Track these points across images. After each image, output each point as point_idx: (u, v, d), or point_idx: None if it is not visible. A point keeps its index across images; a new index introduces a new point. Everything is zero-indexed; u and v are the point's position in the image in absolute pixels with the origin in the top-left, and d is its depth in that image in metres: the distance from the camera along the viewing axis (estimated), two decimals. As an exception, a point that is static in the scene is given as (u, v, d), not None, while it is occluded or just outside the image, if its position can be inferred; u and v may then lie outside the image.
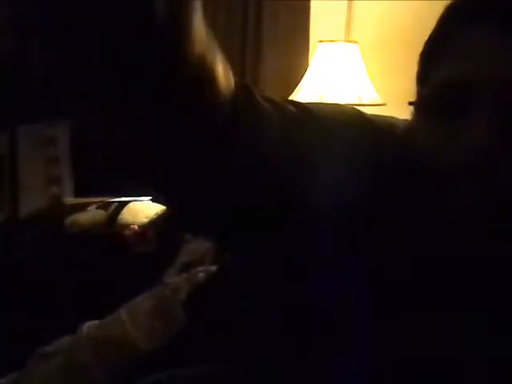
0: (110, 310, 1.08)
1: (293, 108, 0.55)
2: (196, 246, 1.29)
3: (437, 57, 0.56)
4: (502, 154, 0.50)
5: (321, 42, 2.03)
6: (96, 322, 1.04)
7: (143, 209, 1.67)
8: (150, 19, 0.38)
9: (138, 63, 0.40)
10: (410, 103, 0.59)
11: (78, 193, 1.94)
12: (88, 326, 1.03)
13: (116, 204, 1.72)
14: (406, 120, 0.66)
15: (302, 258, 0.56)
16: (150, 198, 1.70)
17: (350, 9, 2.17)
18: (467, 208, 0.51)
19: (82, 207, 1.76)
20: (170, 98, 0.43)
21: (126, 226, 1.60)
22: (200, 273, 1.03)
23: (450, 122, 0.53)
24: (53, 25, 0.39)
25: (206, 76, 0.44)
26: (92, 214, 1.71)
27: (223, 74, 0.46)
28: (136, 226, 1.58)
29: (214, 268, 1.02)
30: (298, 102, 0.59)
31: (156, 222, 1.61)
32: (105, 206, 1.73)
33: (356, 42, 2.02)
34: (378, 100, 1.97)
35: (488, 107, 0.51)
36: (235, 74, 0.49)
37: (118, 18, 0.38)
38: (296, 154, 0.53)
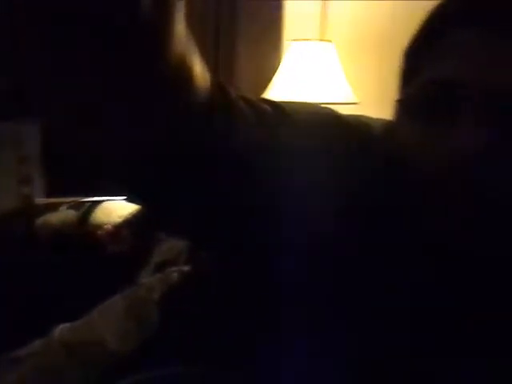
0: (82, 312, 1.07)
1: (267, 107, 0.55)
2: (170, 246, 1.28)
3: (422, 57, 0.57)
4: (489, 156, 0.50)
5: (294, 40, 2.03)
6: (68, 324, 1.02)
7: (117, 208, 1.65)
8: (136, 18, 0.38)
9: (120, 61, 0.40)
10: (398, 101, 0.60)
11: (50, 193, 1.91)
12: (60, 329, 1.01)
13: (88, 204, 1.70)
14: (380, 119, 0.67)
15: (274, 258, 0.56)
16: (124, 197, 1.68)
17: (324, 8, 2.18)
18: (454, 209, 0.51)
19: (54, 207, 1.74)
20: (149, 97, 0.43)
21: (99, 225, 1.58)
22: (174, 272, 1.02)
23: (436, 122, 0.53)
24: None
25: (185, 75, 0.44)
26: (64, 214, 1.69)
27: (200, 73, 0.46)
28: (109, 226, 1.56)
29: (188, 267, 1.02)
30: (273, 101, 0.59)
31: (130, 222, 1.59)
32: (77, 206, 1.71)
33: (330, 41, 2.03)
34: (352, 99, 1.98)
35: (475, 109, 0.51)
36: (211, 73, 0.49)
37: (102, 17, 0.38)
38: (271, 152, 0.53)
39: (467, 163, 0.50)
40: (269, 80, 2.05)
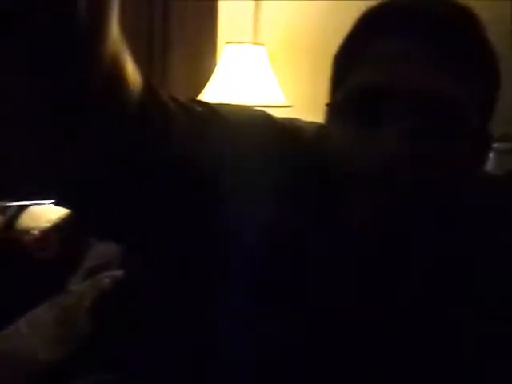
0: (8, 321, 1.03)
1: (199, 108, 0.55)
2: (102, 251, 1.25)
3: (351, 62, 0.58)
4: (411, 161, 0.52)
5: (228, 43, 2.03)
6: (-8, 334, 0.98)
7: (45, 213, 1.60)
8: (72, 17, 0.37)
9: (52, 62, 0.39)
10: (327, 105, 0.61)
11: (-27, 197, 1.83)
12: (-16, 339, 0.96)
13: (15, 208, 1.63)
14: (312, 122, 0.68)
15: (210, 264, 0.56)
16: (52, 201, 1.62)
17: (257, 10, 2.19)
18: (377, 210, 0.53)
19: (-22, 212, 1.66)
20: (80, 98, 0.42)
21: (26, 231, 1.52)
22: (106, 278, 1.00)
23: (361, 127, 0.55)
24: None
25: (117, 76, 0.44)
26: (-12, 219, 1.62)
27: (132, 74, 0.46)
28: (37, 231, 1.50)
29: (120, 273, 1.00)
30: (205, 103, 0.58)
31: (59, 227, 1.54)
32: (2, 210, 1.64)
33: (263, 45, 2.05)
34: (284, 102, 2.00)
35: (398, 116, 0.53)
36: (142, 74, 0.49)
37: (37, 16, 0.37)
38: (203, 153, 0.53)
39: (392, 164, 0.52)
40: (204, 82, 2.04)
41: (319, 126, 0.64)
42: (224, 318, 0.58)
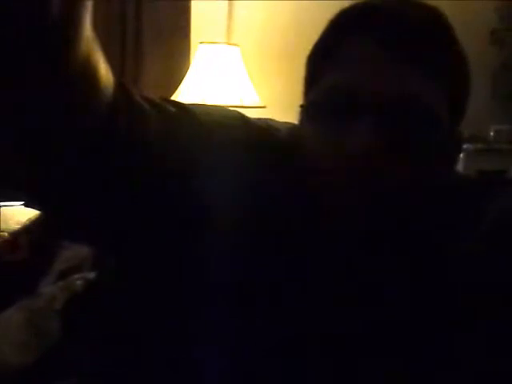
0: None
1: (173, 108, 0.55)
2: (73, 253, 1.23)
3: (323, 63, 0.59)
4: (385, 159, 0.52)
5: (202, 43, 2.03)
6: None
7: (14, 214, 1.57)
8: (45, 16, 0.37)
9: (24, 59, 0.38)
10: (301, 106, 0.61)
11: None
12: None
13: (-17, 210, 1.60)
14: (286, 123, 0.68)
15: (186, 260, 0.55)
16: (22, 203, 1.60)
17: (230, 10, 2.19)
18: (352, 209, 0.53)
19: None
20: (52, 97, 0.41)
21: (-5, 233, 1.50)
22: (77, 280, 0.99)
23: (335, 127, 0.55)
24: None
25: (90, 75, 0.44)
26: (-44, 221, 1.59)
27: (104, 73, 0.46)
28: (6, 234, 1.48)
29: (92, 274, 0.98)
30: (178, 102, 0.58)
31: (29, 229, 1.52)
32: (-29, 212, 1.61)
33: (237, 45, 2.05)
34: (258, 102, 2.00)
35: (372, 116, 0.53)
36: (114, 74, 0.48)
37: (10, 14, 0.36)
38: (176, 153, 0.52)
39: (362, 163, 0.52)
40: (178, 82, 2.03)
41: (293, 127, 0.65)
42: (200, 325, 0.57)
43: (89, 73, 0.44)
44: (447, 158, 0.61)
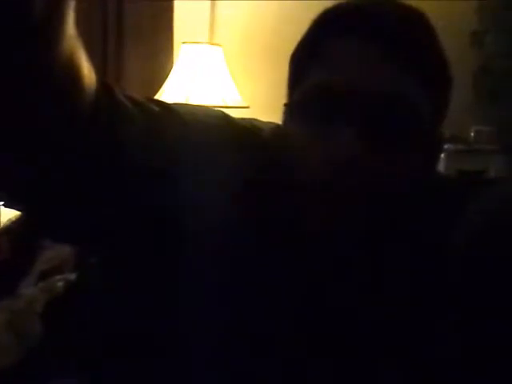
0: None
1: (156, 107, 0.55)
2: (54, 253, 1.22)
3: (307, 63, 0.58)
4: (371, 160, 0.52)
5: (184, 43, 2.02)
6: None
7: (-6, 215, 1.55)
8: (27, 16, 0.37)
9: (7, 59, 0.38)
10: (285, 105, 0.61)
11: None
12: None
13: (-37, 210, 1.58)
14: (269, 122, 0.68)
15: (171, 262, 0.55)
16: (2, 203, 1.58)
17: (212, 10, 2.19)
18: (331, 216, 0.53)
19: None
20: (34, 97, 0.41)
21: (-25, 233, 1.47)
22: (59, 281, 0.98)
23: (315, 127, 0.55)
24: None
25: (73, 74, 0.43)
26: None
27: (87, 72, 0.46)
28: (-14, 234, 1.45)
29: (73, 276, 0.98)
30: (162, 102, 0.58)
31: (9, 229, 1.50)
32: (-50, 213, 1.58)
33: (219, 45, 2.04)
34: (241, 102, 2.00)
35: (358, 115, 0.53)
36: (97, 74, 0.48)
37: None
38: (158, 152, 0.52)
39: (343, 163, 0.52)
40: (161, 82, 2.02)
41: (277, 127, 0.65)
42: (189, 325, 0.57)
43: (71, 72, 0.43)
44: (429, 158, 0.61)
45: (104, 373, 0.63)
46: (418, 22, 0.59)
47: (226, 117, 0.63)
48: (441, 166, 1.76)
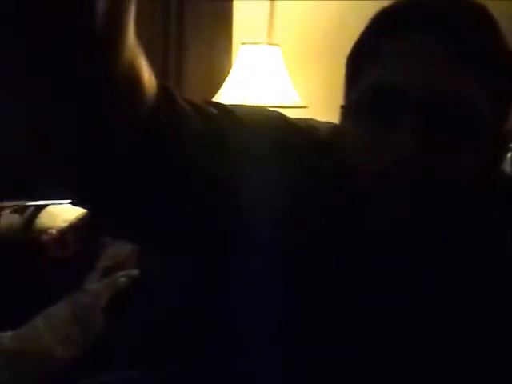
0: (26, 319, 1.04)
1: (214, 110, 0.55)
2: (117, 250, 1.26)
3: (365, 62, 0.58)
4: (423, 164, 0.52)
5: (243, 44, 2.04)
6: (9, 333, 0.99)
7: (62, 212, 1.61)
8: (91, 26, 0.38)
9: (71, 67, 0.39)
10: (342, 107, 0.61)
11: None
12: (1, 338, 0.98)
13: (33, 208, 1.65)
14: (327, 123, 0.68)
15: (225, 262, 0.56)
16: (70, 201, 1.64)
17: (271, 10, 2.19)
18: (390, 213, 0.53)
19: (-4, 212, 1.68)
20: (97, 102, 0.42)
21: (44, 230, 1.53)
22: (122, 277, 1.01)
23: (376, 129, 0.55)
24: None
25: (134, 80, 0.44)
26: (7, 219, 1.63)
27: (148, 77, 0.47)
28: (54, 231, 1.51)
29: (136, 272, 1.00)
30: (220, 104, 0.59)
31: (76, 226, 1.55)
32: (21, 211, 1.65)
33: (278, 45, 2.05)
34: (299, 103, 2.00)
35: (414, 118, 0.52)
36: (157, 76, 0.49)
37: (57, 24, 0.37)
38: (218, 154, 0.53)
39: (405, 163, 0.52)
40: (220, 83, 2.05)
41: (334, 126, 0.64)
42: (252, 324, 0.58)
43: (133, 78, 0.44)
44: (493, 157, 0.60)
45: (167, 366, 0.64)
46: (480, 18, 0.57)
47: (283, 117, 0.63)
48: (507, 166, 1.70)
